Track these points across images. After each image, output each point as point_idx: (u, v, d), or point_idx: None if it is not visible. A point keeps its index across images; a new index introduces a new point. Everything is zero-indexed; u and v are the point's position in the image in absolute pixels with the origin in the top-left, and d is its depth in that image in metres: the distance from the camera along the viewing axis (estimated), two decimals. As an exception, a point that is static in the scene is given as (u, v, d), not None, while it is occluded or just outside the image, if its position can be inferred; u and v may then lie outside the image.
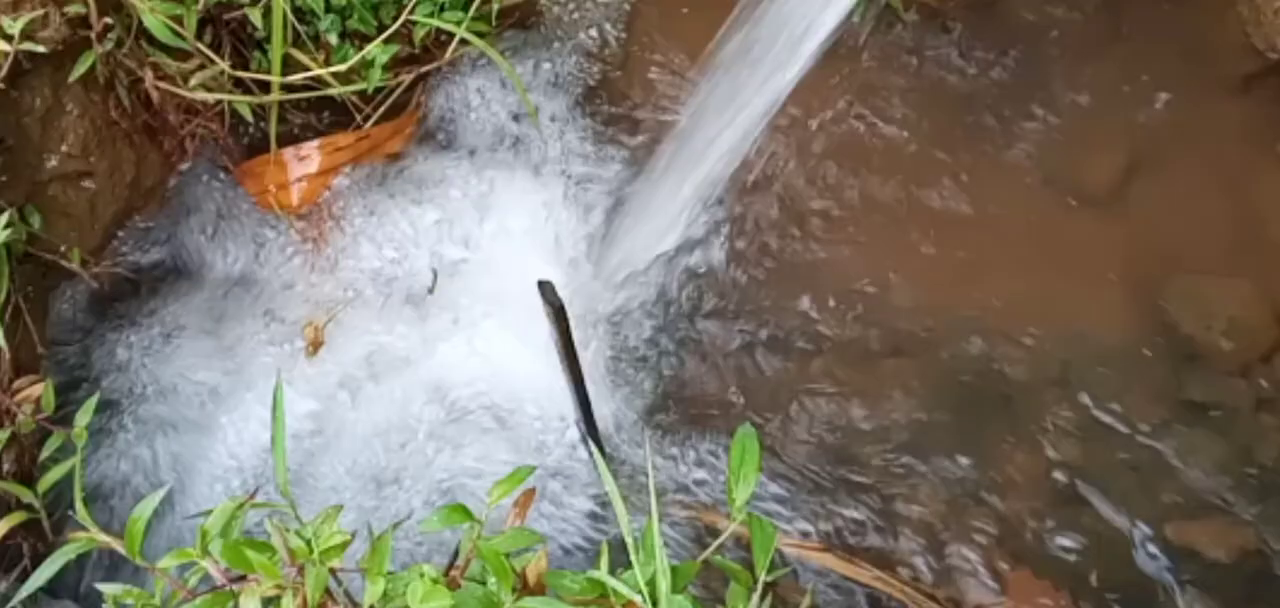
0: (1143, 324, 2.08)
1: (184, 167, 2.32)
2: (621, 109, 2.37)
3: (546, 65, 2.42)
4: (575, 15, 2.48)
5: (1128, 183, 2.18)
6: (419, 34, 2.33)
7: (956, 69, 2.31)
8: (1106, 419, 2.03)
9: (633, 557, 1.26)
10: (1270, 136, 2.16)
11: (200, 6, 2.17)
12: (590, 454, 1.99)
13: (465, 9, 2.31)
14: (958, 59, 2.32)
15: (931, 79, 2.30)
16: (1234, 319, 2.06)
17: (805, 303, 2.16)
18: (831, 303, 2.16)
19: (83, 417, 1.76)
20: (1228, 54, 2.24)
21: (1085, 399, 2.04)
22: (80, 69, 2.09)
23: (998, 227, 2.19)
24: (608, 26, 2.46)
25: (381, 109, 2.35)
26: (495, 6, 2.36)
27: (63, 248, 2.15)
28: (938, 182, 2.23)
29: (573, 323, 1.85)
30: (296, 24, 2.24)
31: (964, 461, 2.03)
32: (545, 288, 1.85)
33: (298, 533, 1.28)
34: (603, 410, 2.01)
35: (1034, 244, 2.17)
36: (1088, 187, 2.19)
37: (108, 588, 1.38)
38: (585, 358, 1.89)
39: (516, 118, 2.34)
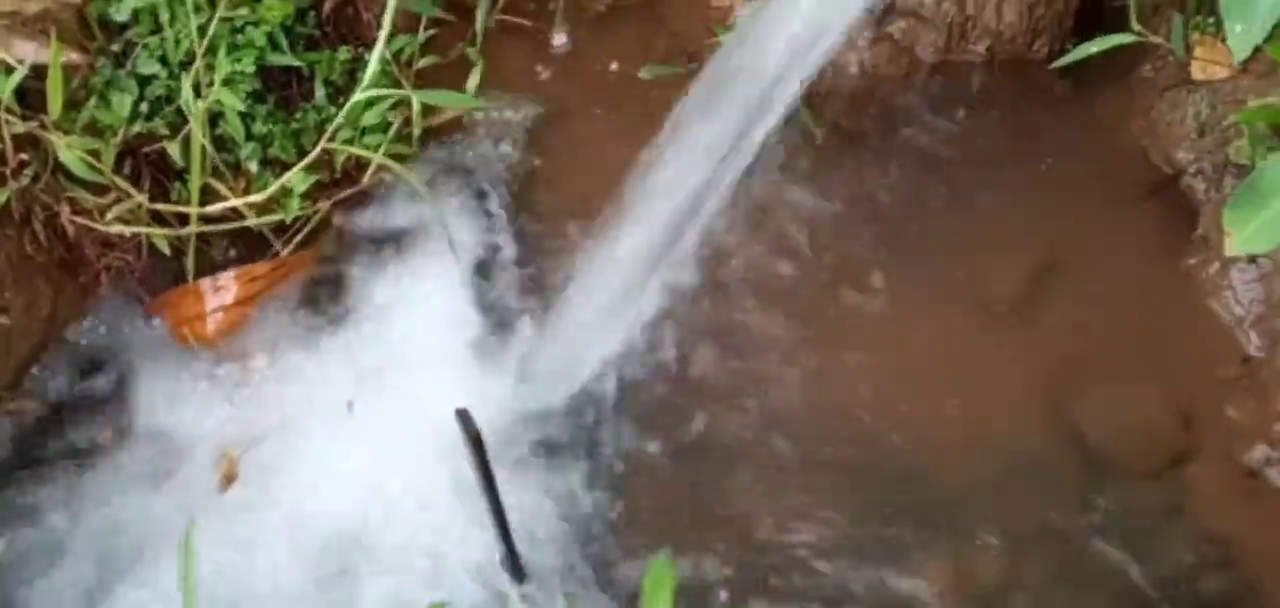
0: (1057, 434, 2.11)
1: (100, 299, 2.30)
2: (543, 229, 2.39)
3: (469, 185, 2.44)
4: (498, 134, 2.50)
5: (1037, 294, 2.23)
6: (339, 159, 2.35)
7: (869, 187, 2.36)
8: (1026, 531, 2.04)
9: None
10: (1171, 246, 2.21)
11: (118, 140, 2.18)
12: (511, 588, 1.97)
13: (385, 131, 2.34)
14: (870, 177, 2.37)
15: (845, 197, 2.34)
16: (1143, 426, 2.10)
17: (727, 422, 2.17)
18: (754, 421, 2.16)
19: (-12, 563, 1.72)
20: (1129, 167, 2.31)
21: (1005, 511, 2.06)
22: (-6, 205, 2.08)
23: (914, 341, 2.22)
24: (530, 147, 2.49)
25: (299, 236, 2.35)
26: (416, 129, 2.39)
27: (-25, 385, 2.13)
28: (854, 299, 2.26)
29: (493, 451, 1.85)
30: (215, 155, 2.25)
31: (888, 575, 2.03)
32: (463, 416, 1.84)
33: (201, 686, 1.25)
34: (525, 540, 2.00)
35: (950, 357, 2.20)
36: (999, 299, 2.23)
37: None
38: (506, 486, 1.88)
39: (437, 240, 2.34)
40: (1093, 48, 2.12)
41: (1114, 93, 2.36)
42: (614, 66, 2.55)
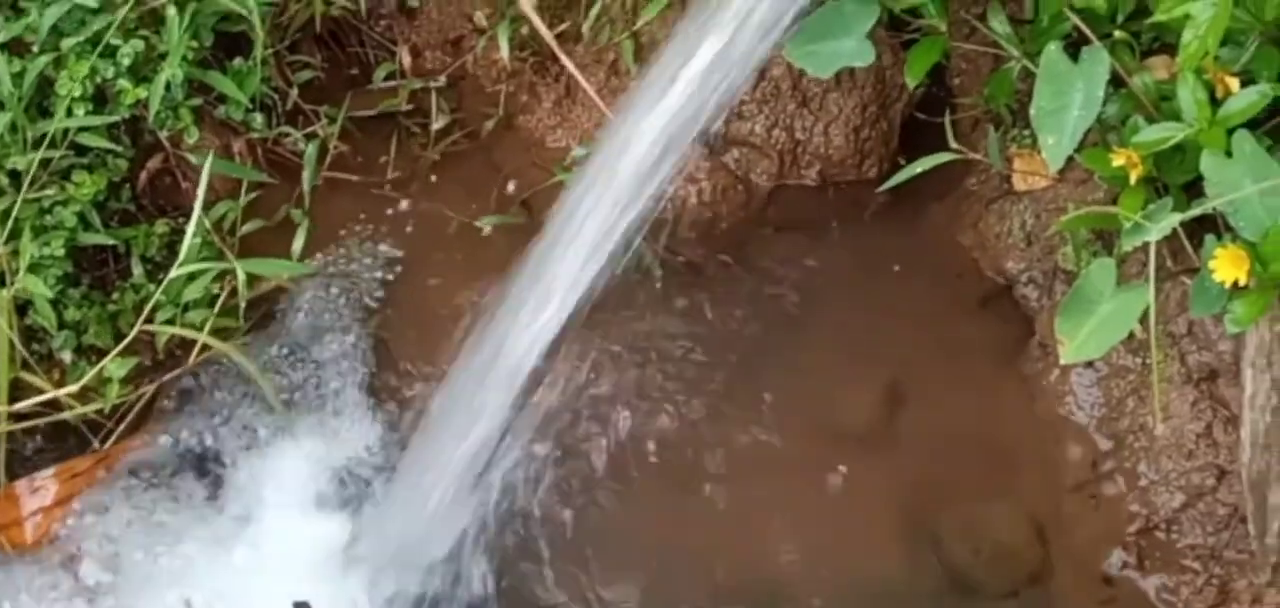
0: (918, 558, 2.09)
1: (-100, 512, 2.13)
2: (382, 396, 2.29)
3: (302, 354, 2.33)
4: (330, 297, 2.40)
5: (887, 417, 2.21)
6: (161, 340, 2.23)
7: (714, 320, 2.33)
8: (894, 660, 2.02)
9: None
10: (1009, 355, 2.23)
11: (-88, 340, 2.04)
12: None
13: (210, 305, 2.23)
14: (715, 309, 2.34)
15: (690, 334, 2.30)
16: (999, 543, 2.09)
17: (577, 580, 2.10)
18: (605, 574, 2.09)
19: None
20: (963, 280, 2.33)
21: (874, 644, 2.04)
22: None
23: (769, 477, 2.18)
24: (364, 308, 2.39)
25: (123, 424, 2.22)
26: (243, 300, 2.28)
27: None
28: (704, 438, 2.22)
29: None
30: (24, 349, 2.12)
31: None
32: (302, 610, 1.75)
33: None
34: None
35: (807, 489, 2.16)
36: (851, 426, 2.21)
37: None
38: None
39: (269, 416, 2.24)
40: (918, 168, 2.13)
41: (943, 208, 2.39)
42: (449, 216, 2.48)
